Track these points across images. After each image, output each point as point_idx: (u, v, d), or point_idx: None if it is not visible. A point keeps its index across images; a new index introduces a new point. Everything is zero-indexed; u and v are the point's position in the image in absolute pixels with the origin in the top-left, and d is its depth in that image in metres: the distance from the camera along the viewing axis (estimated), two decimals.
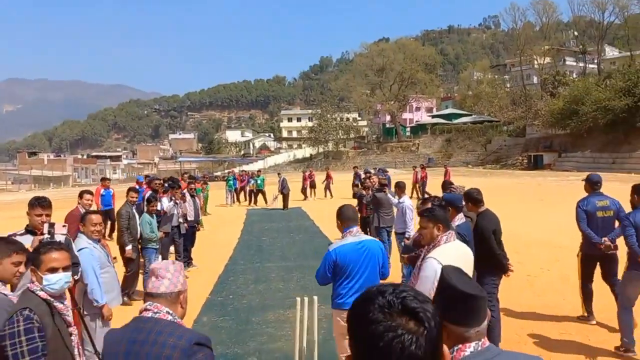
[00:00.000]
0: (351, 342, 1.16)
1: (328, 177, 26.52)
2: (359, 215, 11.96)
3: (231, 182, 25.40)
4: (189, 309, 7.17)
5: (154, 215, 8.57)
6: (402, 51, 69.43)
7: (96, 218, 5.07)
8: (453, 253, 3.49)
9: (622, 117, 38.19)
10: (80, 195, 7.49)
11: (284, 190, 22.25)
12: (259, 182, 24.54)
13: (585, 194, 6.40)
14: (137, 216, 8.28)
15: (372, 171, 17.18)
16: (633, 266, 5.26)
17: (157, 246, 8.48)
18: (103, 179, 15.06)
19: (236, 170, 43.71)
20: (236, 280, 9.28)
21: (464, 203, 5.38)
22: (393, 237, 9.29)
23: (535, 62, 65.13)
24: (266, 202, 23.91)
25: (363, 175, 17.33)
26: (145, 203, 8.73)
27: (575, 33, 79.02)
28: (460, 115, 69.45)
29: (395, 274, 7.74)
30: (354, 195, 13.08)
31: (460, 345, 1.70)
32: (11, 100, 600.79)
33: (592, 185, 6.32)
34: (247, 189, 25.46)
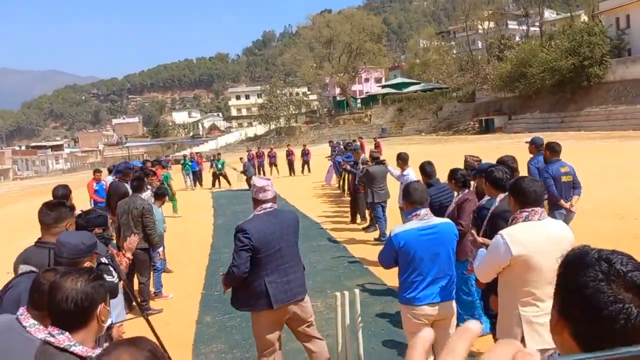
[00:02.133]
0: (561, 301, 1.17)
1: (304, 154, 25.65)
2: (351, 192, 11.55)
3: (188, 165, 24.26)
4: (185, 308, 6.59)
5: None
6: (349, 22, 68.68)
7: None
8: (534, 234, 3.04)
9: (568, 77, 39.20)
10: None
11: (247, 172, 21.39)
12: (219, 165, 23.57)
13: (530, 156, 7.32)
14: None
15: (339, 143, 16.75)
16: (552, 208, 6.28)
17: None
18: (96, 171, 12.70)
19: (186, 152, 42.18)
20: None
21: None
22: (390, 213, 8.94)
23: (480, 27, 65.94)
24: (230, 185, 23.08)
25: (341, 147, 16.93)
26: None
27: None
28: (410, 84, 69.77)
29: None
30: (345, 170, 12.49)
31: None
32: None
33: (553, 152, 6.64)
34: (210, 172, 24.42)
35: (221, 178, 23.43)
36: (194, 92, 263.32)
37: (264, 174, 25.26)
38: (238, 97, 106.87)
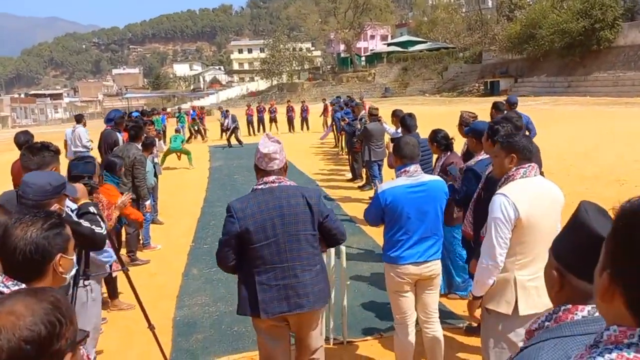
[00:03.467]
0: (617, 263, 0.96)
1: (303, 110, 25.40)
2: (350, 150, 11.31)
3: (183, 117, 24.05)
4: (173, 259, 6.47)
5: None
6: None
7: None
8: (534, 191, 2.87)
9: (578, 40, 38.22)
10: (25, 140, 5.81)
11: (235, 125, 21.00)
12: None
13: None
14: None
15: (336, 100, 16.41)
16: None
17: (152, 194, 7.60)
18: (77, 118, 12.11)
19: (186, 105, 41.78)
20: (218, 225, 8.54)
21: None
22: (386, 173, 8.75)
23: None
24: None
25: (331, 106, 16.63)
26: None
27: None
28: (416, 43, 68.34)
29: None
30: (342, 129, 12.29)
31: (569, 306, 1.26)
32: None
33: (498, 110, 6.66)
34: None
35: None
36: (196, 45, 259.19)
37: (264, 129, 24.96)
38: (240, 51, 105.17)
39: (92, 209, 3.24)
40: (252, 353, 4.19)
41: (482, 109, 9.41)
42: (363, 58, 74.14)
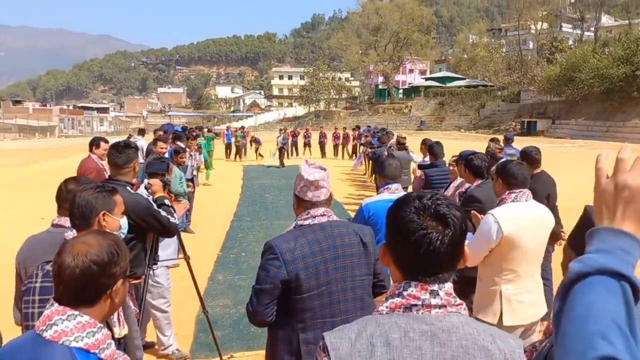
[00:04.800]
0: (387, 234, 1.36)
1: (335, 137, 26.14)
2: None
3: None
4: (201, 265, 6.96)
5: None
6: (399, 10, 67.92)
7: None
8: (522, 214, 3.20)
9: (618, 86, 38.00)
10: (96, 144, 6.74)
11: (283, 147, 21.96)
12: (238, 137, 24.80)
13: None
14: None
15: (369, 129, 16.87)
16: None
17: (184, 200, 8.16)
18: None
19: (233, 125, 43.21)
20: (246, 237, 9.08)
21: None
22: None
23: (532, 28, 64.28)
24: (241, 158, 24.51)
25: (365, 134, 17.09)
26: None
27: (572, 0, 77.93)
28: (454, 79, 68.73)
29: None
30: (370, 157, 12.73)
31: None
32: None
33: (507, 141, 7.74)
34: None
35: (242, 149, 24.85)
36: (239, 69, 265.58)
37: (297, 153, 25.64)
38: (281, 77, 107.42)
39: (167, 202, 3.84)
40: None
41: (518, 147, 9.65)
42: (400, 90, 74.80)
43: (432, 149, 6.64)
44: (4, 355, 1.48)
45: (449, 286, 1.29)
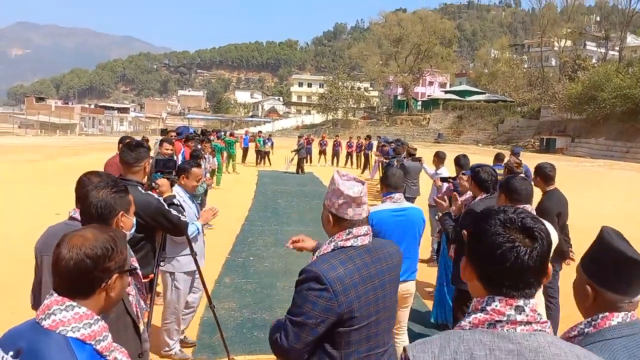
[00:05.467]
0: (470, 248, 1.34)
1: (349, 146, 26.21)
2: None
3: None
4: (209, 268, 6.96)
5: None
6: (422, 23, 67.93)
7: (199, 172, 4.73)
8: None
9: None
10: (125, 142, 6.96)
11: (299, 154, 22.02)
12: (261, 142, 24.65)
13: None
14: None
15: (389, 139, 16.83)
16: None
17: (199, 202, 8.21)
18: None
19: (252, 130, 43.50)
20: (255, 242, 9.07)
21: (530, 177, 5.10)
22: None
23: (556, 45, 63.76)
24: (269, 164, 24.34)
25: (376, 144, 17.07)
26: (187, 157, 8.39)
27: (598, 18, 77.21)
28: (474, 93, 68.39)
29: (424, 249, 7.49)
30: (385, 167, 12.77)
31: (607, 314, 1.53)
32: (20, 44, 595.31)
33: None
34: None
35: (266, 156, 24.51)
36: (260, 75, 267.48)
37: (311, 161, 25.69)
38: (301, 84, 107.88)
39: (175, 201, 3.87)
40: (268, 356, 4.55)
41: (534, 164, 9.54)
42: (419, 102, 74.66)
43: (459, 161, 6.73)
44: (5, 341, 1.52)
45: (533, 302, 1.26)
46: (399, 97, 77.30)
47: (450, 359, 1.19)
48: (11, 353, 1.47)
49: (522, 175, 6.14)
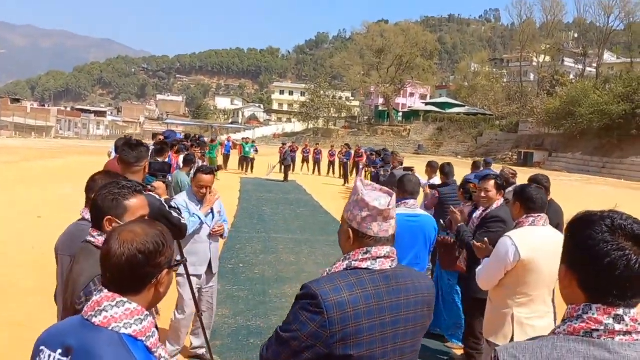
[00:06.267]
0: (570, 255, 1.29)
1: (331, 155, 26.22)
2: None
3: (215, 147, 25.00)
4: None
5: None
6: (404, 34, 68.63)
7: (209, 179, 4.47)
8: (538, 239, 3.14)
9: (617, 123, 38.34)
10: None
11: (285, 162, 21.90)
12: (246, 149, 24.31)
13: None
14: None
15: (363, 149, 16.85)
16: None
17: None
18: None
19: (234, 137, 43.24)
20: (243, 249, 8.91)
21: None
22: None
23: (535, 60, 65.04)
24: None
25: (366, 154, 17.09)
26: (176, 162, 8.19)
27: (576, 35, 79.09)
28: (454, 105, 69.24)
29: None
30: (372, 175, 12.74)
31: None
32: None
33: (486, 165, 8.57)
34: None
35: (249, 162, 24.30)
36: (240, 81, 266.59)
37: (294, 169, 25.52)
38: (282, 92, 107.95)
39: (173, 203, 3.77)
40: None
41: (518, 177, 9.67)
42: (400, 113, 75.25)
43: (444, 169, 6.97)
44: (50, 339, 1.49)
45: (634, 312, 1.21)
46: (380, 108, 77.81)
47: None
48: (59, 351, 1.43)
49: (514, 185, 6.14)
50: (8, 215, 10.43)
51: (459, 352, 5.03)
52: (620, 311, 1.20)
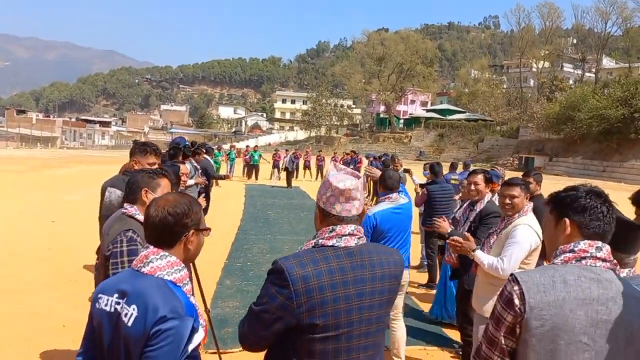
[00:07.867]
0: (573, 214, 1.77)
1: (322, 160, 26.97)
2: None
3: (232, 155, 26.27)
4: (208, 271, 7.25)
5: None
6: (404, 42, 69.29)
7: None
8: (536, 222, 3.62)
9: (616, 127, 38.72)
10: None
11: (289, 167, 22.54)
12: (255, 157, 24.76)
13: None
14: None
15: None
16: None
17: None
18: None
19: (238, 145, 43.85)
20: (251, 249, 9.36)
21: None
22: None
23: (534, 66, 65.57)
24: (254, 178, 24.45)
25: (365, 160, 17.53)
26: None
27: (574, 41, 79.70)
28: (455, 112, 69.72)
29: (414, 257, 7.88)
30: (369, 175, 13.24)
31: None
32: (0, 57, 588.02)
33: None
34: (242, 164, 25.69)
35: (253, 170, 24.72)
36: (242, 91, 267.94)
37: (297, 175, 25.98)
38: (284, 101, 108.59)
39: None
40: None
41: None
42: (401, 120, 75.74)
43: (433, 168, 7.61)
44: (106, 288, 1.86)
45: (608, 247, 1.74)
46: (381, 115, 78.35)
47: (549, 281, 1.66)
48: (116, 295, 1.79)
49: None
50: (24, 219, 10.92)
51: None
52: (599, 244, 1.73)
